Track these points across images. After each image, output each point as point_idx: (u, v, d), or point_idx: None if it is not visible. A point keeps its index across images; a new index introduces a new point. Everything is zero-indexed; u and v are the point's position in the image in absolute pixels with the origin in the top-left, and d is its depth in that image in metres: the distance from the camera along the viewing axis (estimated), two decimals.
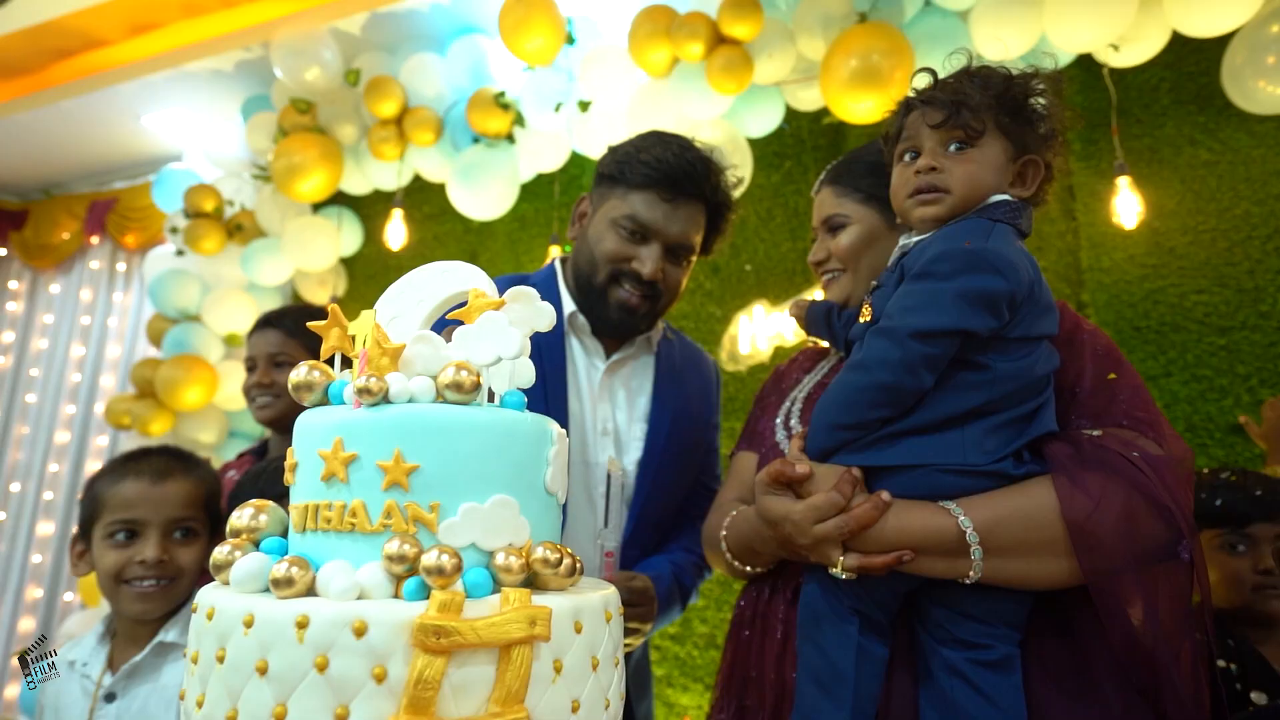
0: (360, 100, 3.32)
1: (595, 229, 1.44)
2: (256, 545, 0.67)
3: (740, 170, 1.51)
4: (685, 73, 2.82)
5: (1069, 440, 0.97)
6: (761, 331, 3.15)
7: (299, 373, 0.69)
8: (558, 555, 0.64)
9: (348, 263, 3.88)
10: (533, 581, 0.65)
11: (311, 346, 1.90)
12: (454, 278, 0.79)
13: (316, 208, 3.73)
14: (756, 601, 1.14)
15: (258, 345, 1.94)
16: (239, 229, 3.58)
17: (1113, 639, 0.89)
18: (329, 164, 3.34)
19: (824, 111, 2.87)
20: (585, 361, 1.49)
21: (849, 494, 0.94)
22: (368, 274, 3.89)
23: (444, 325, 0.77)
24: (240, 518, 0.68)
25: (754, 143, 3.05)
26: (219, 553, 0.65)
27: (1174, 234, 2.62)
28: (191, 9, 3.60)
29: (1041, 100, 1.03)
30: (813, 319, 1.26)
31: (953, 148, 1.01)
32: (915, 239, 1.04)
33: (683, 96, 2.84)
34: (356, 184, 3.57)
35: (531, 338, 1.44)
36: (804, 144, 3.20)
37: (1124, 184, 2.49)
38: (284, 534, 0.69)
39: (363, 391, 0.64)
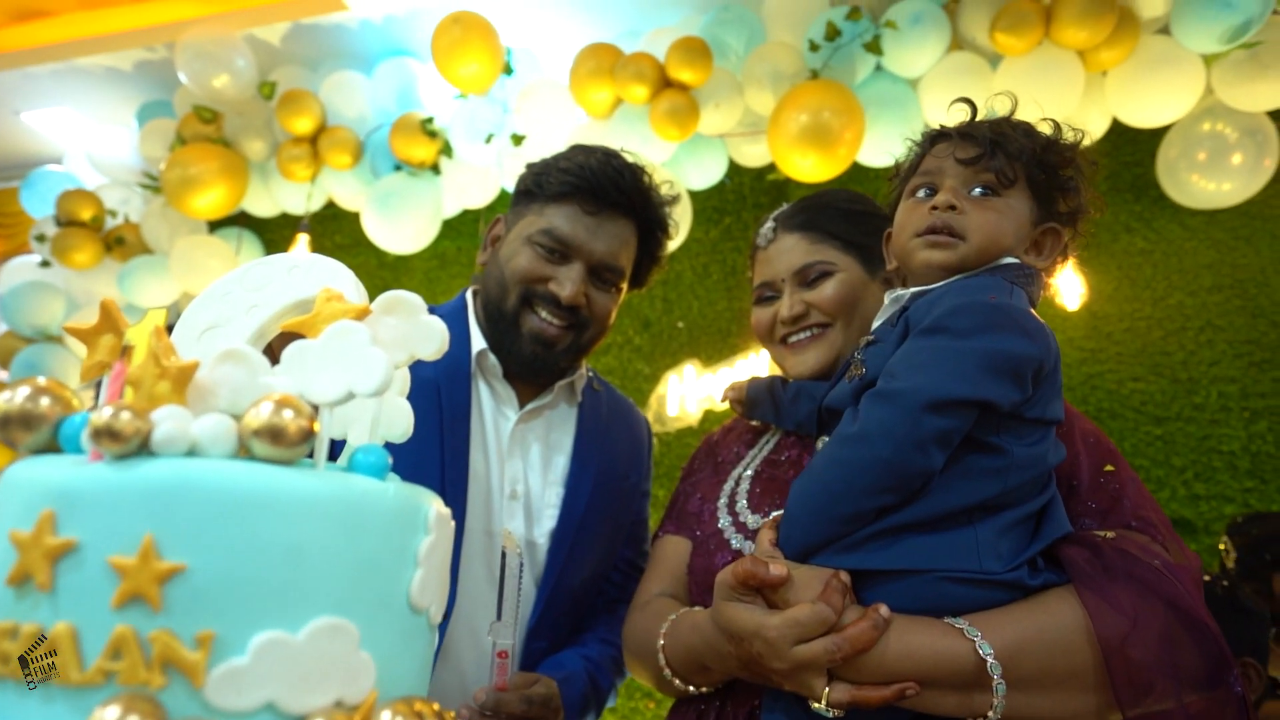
0: (273, 115, 3.04)
1: (507, 249, 1.23)
2: None
3: (677, 190, 1.31)
4: (628, 115, 2.68)
5: (1085, 544, 0.80)
6: (691, 393, 2.97)
7: (12, 398, 0.42)
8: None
9: None
10: None
11: None
12: (306, 276, 0.55)
13: (213, 226, 3.38)
14: None
15: None
16: (119, 242, 3.19)
17: None
18: (231, 179, 3.02)
19: (768, 168, 2.77)
20: (494, 410, 1.24)
21: (839, 606, 0.73)
22: None
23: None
24: None
25: (694, 195, 2.92)
26: None
27: (1111, 320, 2.59)
28: (88, 0, 3.27)
29: (1080, 174, 0.90)
30: (755, 400, 1.08)
31: (977, 191, 0.87)
32: (914, 289, 0.87)
33: (623, 140, 2.68)
34: (261, 204, 3.25)
35: (429, 376, 1.20)
36: (745, 200, 3.09)
37: (1066, 265, 2.44)
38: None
39: (104, 433, 0.38)
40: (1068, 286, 2.46)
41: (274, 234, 3.49)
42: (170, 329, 0.55)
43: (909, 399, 0.74)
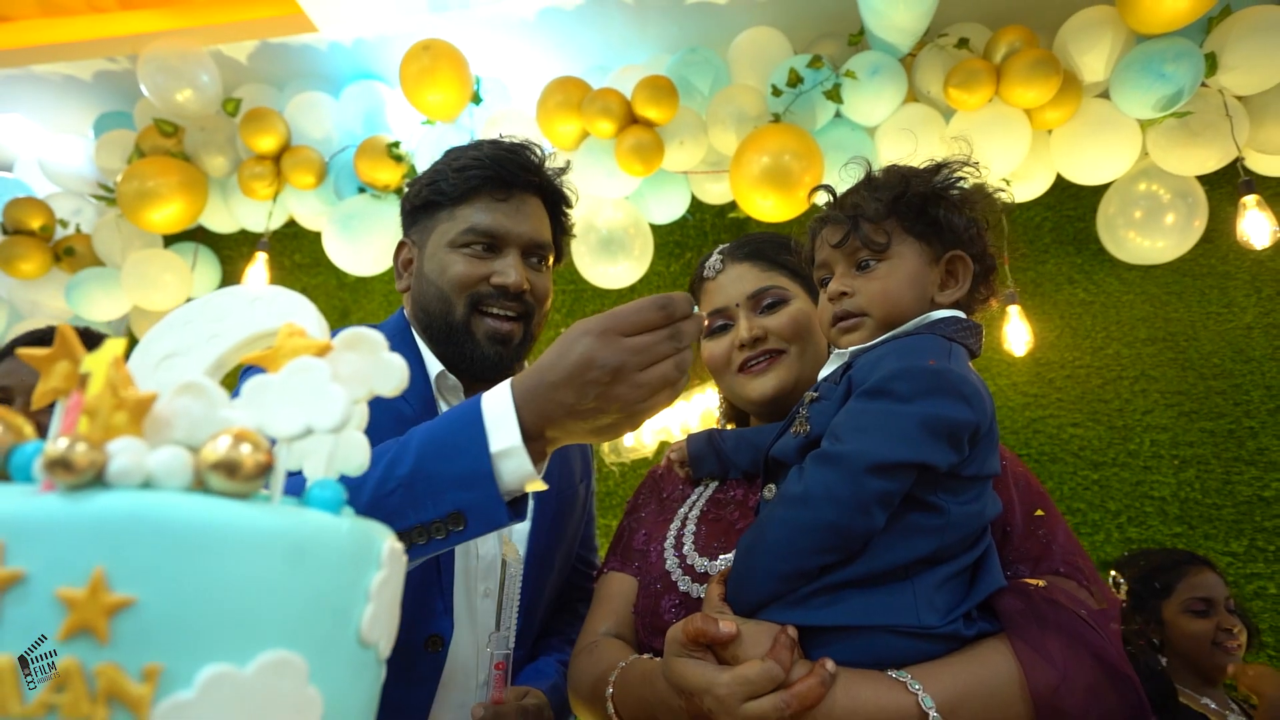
0: (236, 132, 3.01)
1: (432, 263, 1.21)
2: None
3: (566, 160, 1.34)
4: (594, 149, 2.72)
5: (1019, 593, 0.83)
6: (650, 425, 2.98)
7: None
8: None
9: None
10: None
11: None
12: (268, 309, 0.55)
13: (168, 241, 3.32)
14: None
15: (18, 374, 1.49)
16: (69, 253, 3.11)
17: None
18: (189, 194, 2.97)
19: (729, 206, 2.83)
20: None
21: (788, 662, 0.74)
22: None
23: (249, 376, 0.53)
24: None
25: (657, 229, 2.97)
26: None
27: (1053, 367, 2.69)
28: (50, 8, 3.22)
29: (956, 191, 0.94)
30: (699, 456, 1.11)
31: (861, 266, 0.93)
32: (855, 348, 0.92)
33: (589, 173, 2.73)
34: (220, 220, 3.21)
35: (397, 405, 1.20)
36: (706, 236, 3.15)
37: (1014, 312, 2.54)
38: None
39: (57, 464, 0.38)
40: (1016, 334, 2.56)
41: (231, 250, 3.44)
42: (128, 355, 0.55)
43: (852, 462, 0.77)
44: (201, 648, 0.38)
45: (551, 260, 1.30)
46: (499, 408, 0.78)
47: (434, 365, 1.20)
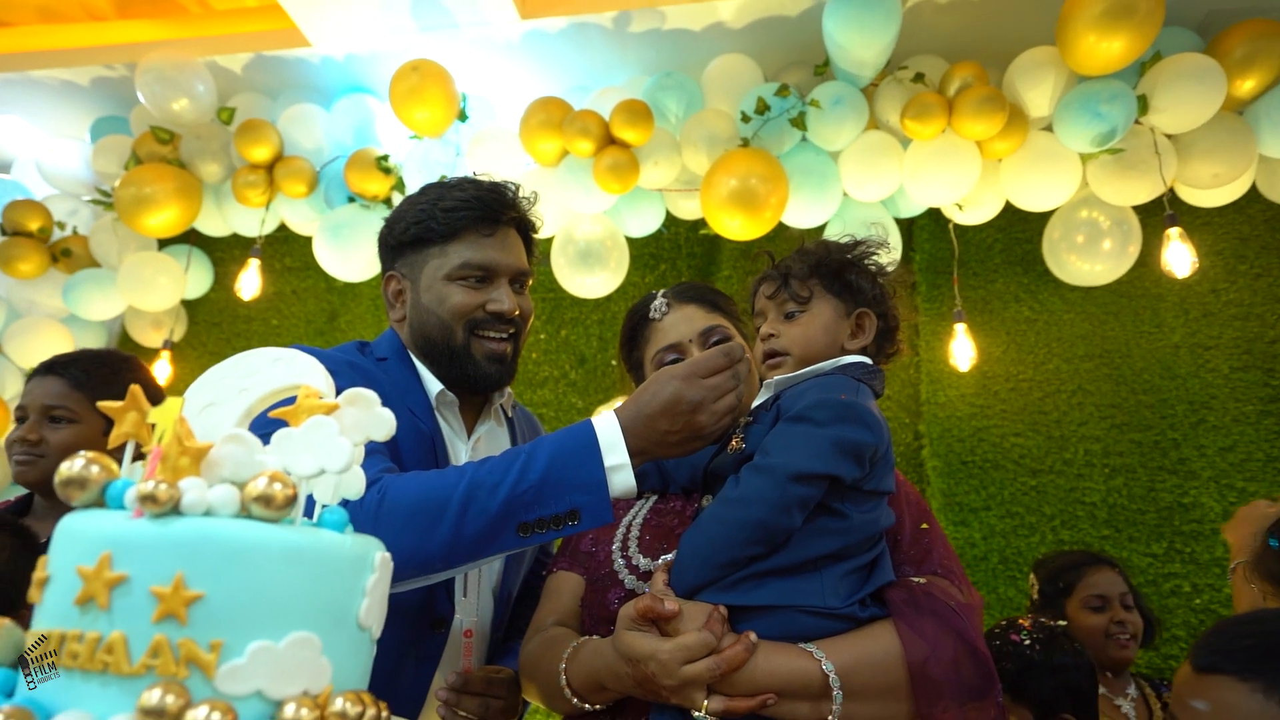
0: (231, 140, 3.14)
1: (430, 295, 1.35)
2: None
3: (532, 190, 1.50)
4: (573, 166, 2.87)
5: (903, 587, 1.03)
6: None
7: (71, 465, 0.58)
8: (359, 708, 0.55)
9: (189, 306, 3.57)
10: None
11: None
12: (287, 368, 0.72)
13: (162, 243, 3.44)
14: None
15: (34, 394, 1.67)
16: (66, 254, 3.23)
17: None
18: (185, 200, 3.10)
19: (701, 222, 2.99)
20: (453, 440, 1.41)
21: (720, 634, 0.93)
22: (211, 320, 3.59)
23: (267, 425, 0.69)
24: None
25: (632, 242, 3.12)
26: None
27: (999, 380, 2.89)
28: (49, 15, 3.32)
29: (869, 262, 1.16)
30: (641, 473, 1.28)
31: (787, 314, 1.13)
32: (779, 379, 1.10)
33: (568, 188, 2.88)
34: (213, 225, 3.34)
35: (408, 421, 1.36)
36: (679, 250, 3.31)
37: (961, 330, 2.73)
38: (16, 664, 0.57)
39: (147, 499, 0.55)
40: (961, 350, 2.75)
41: (223, 253, 3.56)
42: (151, 395, 0.70)
43: (778, 472, 0.96)
44: (249, 628, 0.54)
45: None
46: (609, 433, 1.01)
47: (432, 384, 1.36)
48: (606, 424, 1.02)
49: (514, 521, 0.97)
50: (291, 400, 0.67)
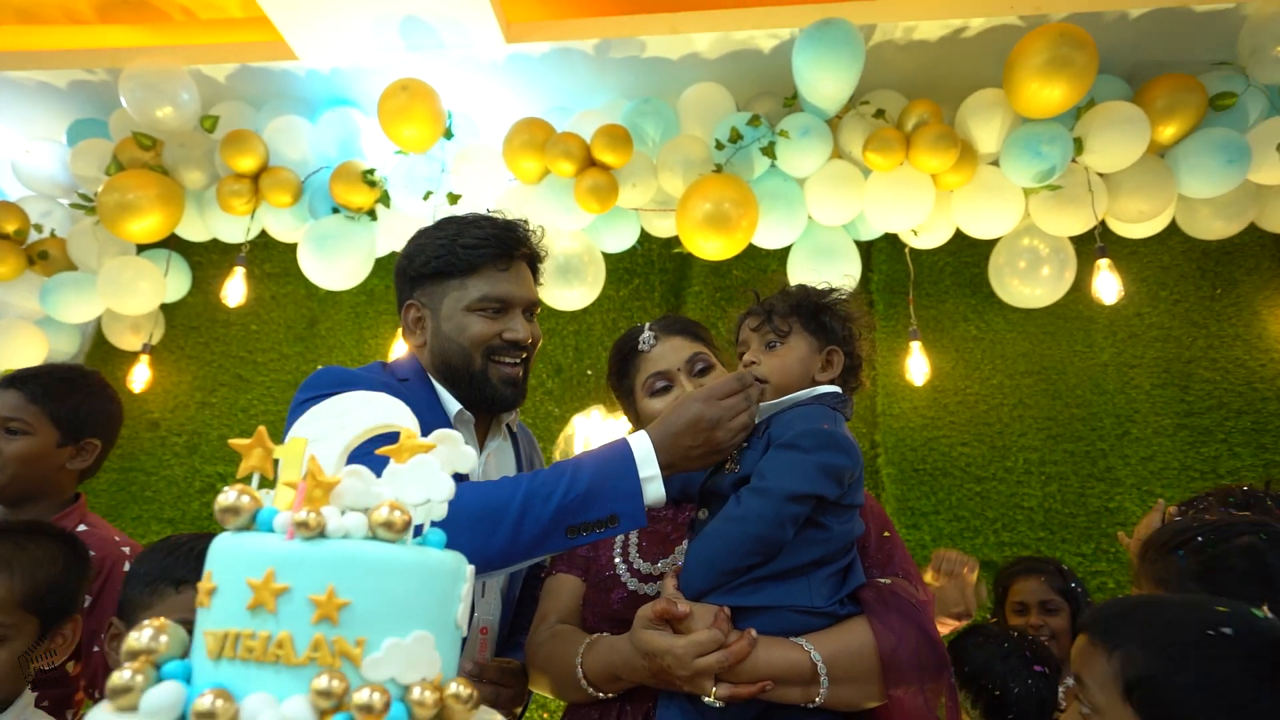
0: (215, 148, 3.18)
1: (450, 324, 1.48)
2: (155, 668, 0.68)
3: (539, 224, 1.64)
4: (554, 185, 3.01)
5: (873, 588, 1.21)
6: (596, 434, 3.29)
7: (227, 497, 0.71)
8: (469, 691, 0.70)
9: (167, 309, 3.59)
10: (440, 715, 0.70)
11: (57, 418, 1.73)
12: (378, 409, 0.86)
13: (141, 247, 3.46)
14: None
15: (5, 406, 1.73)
16: (43, 257, 3.24)
17: None
18: (167, 206, 3.14)
19: (674, 241, 3.16)
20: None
21: (726, 631, 1.10)
22: (189, 324, 3.62)
23: (363, 454, 0.83)
24: (140, 638, 0.68)
25: (608, 257, 3.27)
26: (119, 679, 0.64)
27: (948, 393, 3.13)
28: (27, 16, 3.32)
29: (840, 308, 1.34)
30: None
31: (768, 345, 1.30)
32: (767, 404, 1.26)
33: (549, 206, 3.02)
34: (194, 231, 3.37)
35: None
36: (653, 265, 3.47)
37: (916, 347, 2.96)
38: (182, 656, 0.70)
39: (301, 525, 0.69)
40: (916, 366, 2.97)
41: (201, 258, 3.60)
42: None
43: (775, 493, 1.13)
44: (383, 628, 0.69)
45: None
46: (643, 449, 1.17)
47: (451, 404, 1.49)
48: (640, 441, 1.17)
49: (564, 525, 1.13)
50: (390, 437, 0.81)
